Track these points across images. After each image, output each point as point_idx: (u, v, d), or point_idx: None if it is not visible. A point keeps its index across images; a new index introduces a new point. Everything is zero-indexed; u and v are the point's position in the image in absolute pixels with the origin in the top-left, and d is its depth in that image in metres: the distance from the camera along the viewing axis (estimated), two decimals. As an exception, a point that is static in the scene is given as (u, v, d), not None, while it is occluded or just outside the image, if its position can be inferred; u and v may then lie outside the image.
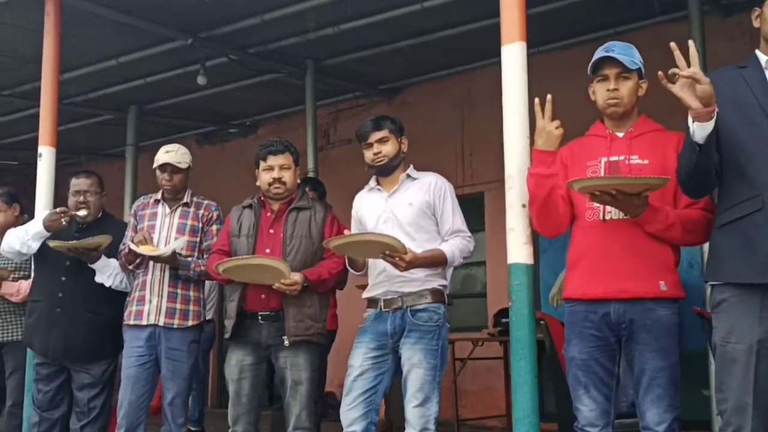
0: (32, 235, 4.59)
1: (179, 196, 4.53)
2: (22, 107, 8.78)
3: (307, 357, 3.91)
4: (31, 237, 4.59)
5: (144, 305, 4.35)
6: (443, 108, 8.60)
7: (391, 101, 8.99)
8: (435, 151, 7.72)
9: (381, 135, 3.85)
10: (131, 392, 4.29)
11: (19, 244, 4.60)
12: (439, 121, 8.55)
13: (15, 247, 4.62)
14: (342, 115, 9.71)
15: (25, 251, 4.63)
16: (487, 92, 8.41)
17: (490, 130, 8.36)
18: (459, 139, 8.45)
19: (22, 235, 4.61)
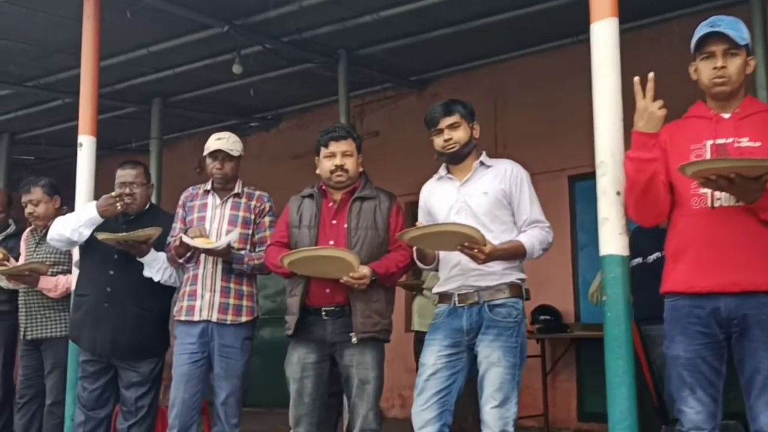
0: (84, 222, 4.35)
1: (230, 186, 4.29)
2: (45, 99, 8.53)
3: (374, 355, 3.67)
4: (83, 223, 4.34)
5: (196, 300, 4.11)
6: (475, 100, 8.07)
7: (420, 93, 8.75)
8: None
9: (452, 120, 3.61)
10: (184, 391, 4.05)
11: (70, 231, 4.35)
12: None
13: (65, 234, 4.37)
14: (369, 107, 9.46)
15: (75, 239, 4.37)
16: (521, 83, 8.21)
17: (524, 121, 8.18)
18: (492, 132, 8.16)
19: (74, 221, 4.37)
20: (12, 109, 8.96)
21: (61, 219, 4.47)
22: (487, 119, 8.42)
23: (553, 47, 7.55)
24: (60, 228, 4.39)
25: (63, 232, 4.36)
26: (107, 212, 4.31)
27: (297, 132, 9.93)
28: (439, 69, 8.24)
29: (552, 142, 7.59)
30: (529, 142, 7.68)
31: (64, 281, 4.82)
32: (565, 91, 7.50)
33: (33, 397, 4.95)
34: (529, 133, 7.79)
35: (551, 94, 7.63)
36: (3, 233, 5.52)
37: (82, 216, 4.38)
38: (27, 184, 5.06)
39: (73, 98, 8.33)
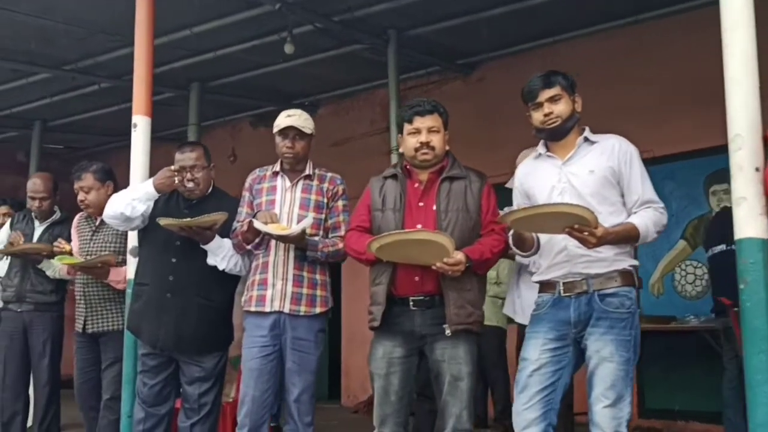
0: (139, 196, 4.07)
1: (300, 167, 3.97)
2: (81, 84, 8.23)
3: (468, 348, 3.35)
4: (138, 197, 4.06)
5: (266, 290, 3.80)
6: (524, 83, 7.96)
7: (466, 78, 8.42)
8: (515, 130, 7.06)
9: (552, 93, 3.28)
10: (255, 387, 3.75)
11: (124, 205, 4.06)
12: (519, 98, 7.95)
13: (119, 209, 4.07)
14: (411, 93, 9.07)
15: (129, 213, 4.06)
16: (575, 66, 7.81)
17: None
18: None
19: (128, 195, 4.08)
20: (46, 95, 8.67)
21: (116, 195, 4.18)
22: (539, 102, 8.11)
23: (609, 28, 7.20)
24: (114, 205, 4.10)
25: (116, 208, 4.08)
26: (163, 186, 4.04)
27: (335, 119, 9.62)
28: (488, 51, 7.89)
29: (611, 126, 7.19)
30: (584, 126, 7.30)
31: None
32: (622, 73, 7.16)
33: (90, 391, 4.66)
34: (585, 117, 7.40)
35: (608, 77, 7.26)
36: (48, 220, 5.24)
37: (137, 190, 4.10)
38: (78, 170, 4.77)
39: (110, 82, 8.12)
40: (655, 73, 6.92)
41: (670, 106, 6.85)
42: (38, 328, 5.06)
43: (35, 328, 5.06)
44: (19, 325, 5.08)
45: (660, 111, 6.87)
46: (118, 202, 4.08)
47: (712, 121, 6.63)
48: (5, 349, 5.10)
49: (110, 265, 4.51)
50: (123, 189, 4.28)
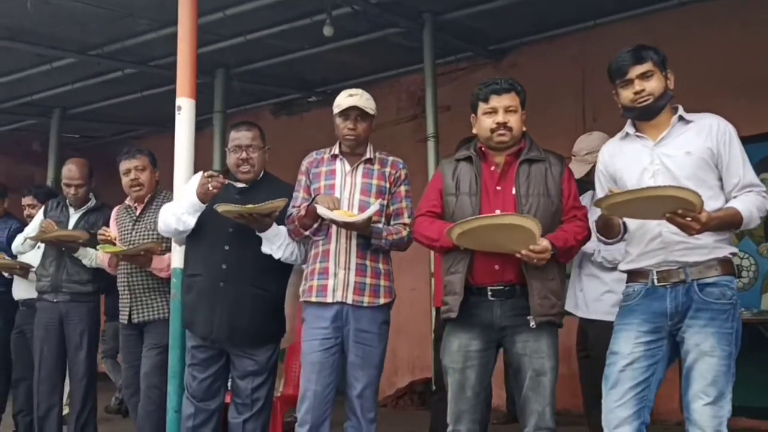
0: (186, 209, 3.85)
1: (360, 150, 3.75)
2: (105, 70, 7.97)
3: (551, 341, 3.14)
4: (185, 210, 3.85)
5: (328, 279, 3.58)
6: (560, 69, 7.74)
7: (497, 64, 8.15)
8: (550, 117, 6.92)
9: (644, 69, 3.06)
10: (317, 382, 3.53)
11: (175, 221, 3.88)
12: (554, 84, 7.69)
13: (171, 225, 3.91)
14: (440, 80, 8.81)
15: (182, 228, 3.90)
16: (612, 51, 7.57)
17: (616, 91, 7.56)
18: (579, 104, 7.57)
19: (177, 210, 3.88)
20: (68, 82, 8.40)
21: (168, 208, 3.98)
22: (574, 90, 7.83)
23: (648, 12, 6.95)
24: (166, 219, 3.93)
25: (169, 224, 3.91)
26: (204, 194, 3.79)
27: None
28: (522, 36, 7.63)
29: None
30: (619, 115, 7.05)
31: None
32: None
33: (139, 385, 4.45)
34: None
35: (646, 62, 7.01)
36: (83, 207, 5.01)
37: (183, 202, 3.88)
38: (131, 151, 4.55)
39: (135, 68, 7.86)
40: (700, 59, 6.67)
41: (714, 93, 6.61)
42: (75, 319, 4.85)
43: (72, 319, 4.85)
44: (55, 315, 4.86)
45: (704, 98, 6.60)
46: (169, 219, 3.90)
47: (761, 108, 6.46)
48: (41, 340, 4.89)
49: (154, 252, 4.30)
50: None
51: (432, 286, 6.43)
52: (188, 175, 4.25)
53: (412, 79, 9.02)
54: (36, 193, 5.74)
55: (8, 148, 11.36)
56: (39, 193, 5.71)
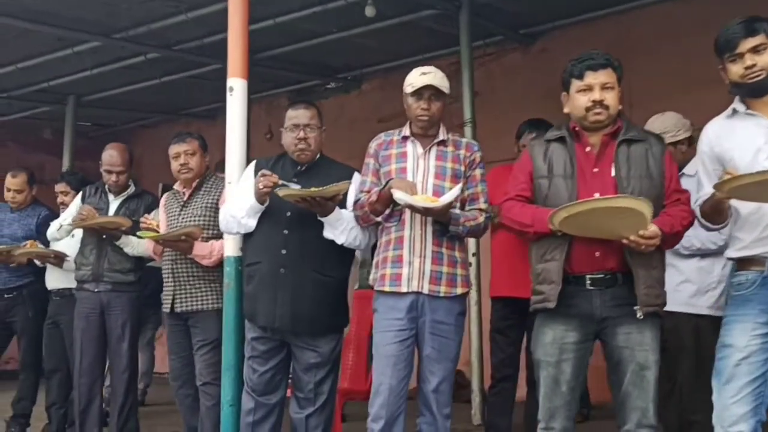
0: (246, 212, 3.62)
1: (433, 131, 3.52)
2: (128, 54, 7.69)
3: (654, 334, 2.91)
4: (245, 214, 3.63)
5: (402, 267, 3.35)
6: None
7: (527, 49, 7.92)
8: (584, 102, 6.71)
9: (756, 42, 2.83)
10: (392, 375, 3.30)
11: (237, 226, 3.67)
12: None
13: (233, 229, 3.71)
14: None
15: (244, 231, 3.69)
16: (650, 36, 7.35)
17: (654, 78, 7.31)
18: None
19: (236, 212, 3.65)
20: (86, 67, 8.12)
21: (227, 210, 3.74)
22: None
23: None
24: (227, 224, 3.73)
25: (231, 227, 3.71)
26: (260, 195, 3.56)
27: (381, 94, 9.12)
28: (554, 20, 7.40)
29: (687, 100, 6.73)
30: (660, 100, 6.79)
31: (219, 247, 4.08)
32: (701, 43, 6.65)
33: (187, 376, 4.22)
34: (660, 90, 6.92)
35: (686, 47, 6.79)
36: (123, 194, 4.77)
37: (243, 206, 3.64)
38: (181, 135, 4.32)
39: (159, 52, 7.60)
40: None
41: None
42: (116, 309, 4.61)
43: (113, 309, 4.61)
44: (96, 306, 4.63)
45: None
46: (230, 223, 3.70)
47: None
48: (81, 331, 4.65)
49: (194, 237, 4.07)
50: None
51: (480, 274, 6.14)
52: (241, 159, 4.02)
53: (438, 65, 8.73)
54: (69, 179, 5.49)
55: (20, 136, 11.07)
56: (72, 180, 5.47)
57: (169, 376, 4.35)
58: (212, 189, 4.27)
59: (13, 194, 5.55)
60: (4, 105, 9.46)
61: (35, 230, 5.46)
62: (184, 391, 4.29)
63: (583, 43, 7.52)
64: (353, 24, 7.05)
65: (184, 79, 8.68)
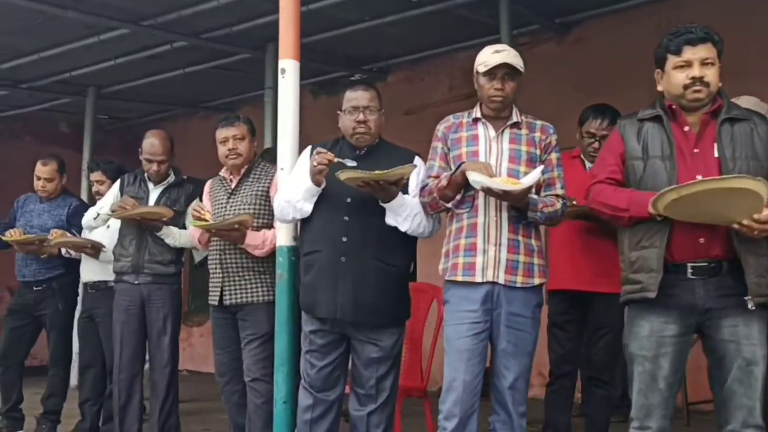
0: (303, 195, 3.42)
1: (505, 113, 3.31)
2: (155, 43, 7.48)
3: (763, 326, 2.71)
4: (301, 197, 3.42)
5: (476, 256, 3.14)
6: (632, 45, 7.26)
7: (562, 38, 7.71)
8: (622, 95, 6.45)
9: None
10: (466, 371, 3.10)
11: (292, 210, 3.47)
12: (626, 62, 7.23)
13: (289, 215, 3.51)
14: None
15: (299, 216, 3.49)
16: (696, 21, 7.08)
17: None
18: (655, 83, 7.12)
19: (292, 196, 3.45)
20: (110, 57, 7.91)
21: (282, 196, 3.54)
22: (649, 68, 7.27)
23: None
24: (282, 210, 3.53)
25: (286, 213, 3.51)
26: (317, 176, 3.35)
27: (407, 85, 8.94)
28: (591, 8, 7.19)
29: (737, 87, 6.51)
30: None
31: (271, 236, 3.88)
32: (749, 29, 6.47)
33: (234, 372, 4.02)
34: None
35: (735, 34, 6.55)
36: (163, 183, 4.56)
37: (299, 189, 3.44)
38: (229, 119, 4.10)
39: (187, 41, 7.38)
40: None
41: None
42: (157, 302, 4.41)
43: (154, 302, 4.41)
44: (136, 298, 4.42)
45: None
46: (285, 209, 3.50)
47: None
48: (121, 324, 4.44)
49: (246, 226, 3.86)
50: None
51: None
52: (294, 144, 3.82)
53: (467, 56, 8.55)
54: (105, 168, 5.28)
55: (36, 129, 10.86)
56: (108, 169, 5.25)
57: (215, 371, 4.15)
58: (262, 176, 4.07)
59: (43, 183, 5.35)
60: (24, 96, 9.24)
61: (66, 221, 5.27)
62: (230, 388, 4.09)
63: (621, 33, 7.36)
64: (386, 12, 6.84)
65: (207, 69, 8.47)
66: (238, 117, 4.16)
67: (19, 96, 9.18)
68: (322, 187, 3.36)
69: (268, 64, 7.74)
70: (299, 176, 3.48)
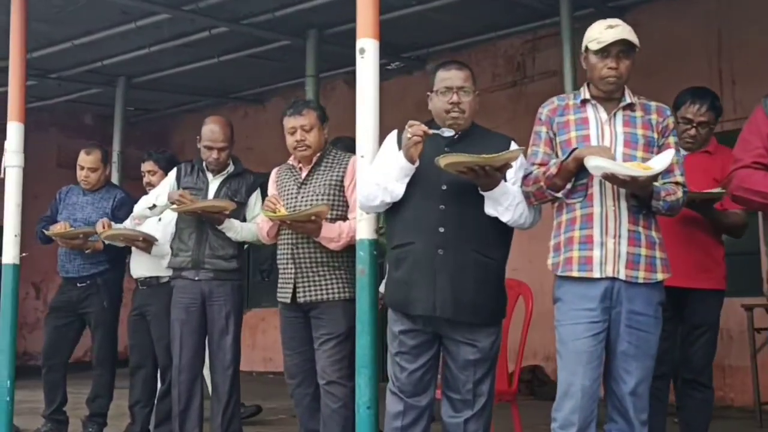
0: (395, 175, 3.10)
1: (618, 94, 3.02)
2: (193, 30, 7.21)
3: None
4: (393, 178, 3.11)
5: (593, 249, 2.85)
6: (690, 28, 7.02)
7: (613, 24, 7.39)
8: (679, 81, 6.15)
9: None
10: (584, 375, 2.81)
11: (381, 192, 3.13)
12: (683, 45, 6.98)
13: (377, 198, 3.15)
14: (541, 43, 8.15)
15: (389, 200, 3.15)
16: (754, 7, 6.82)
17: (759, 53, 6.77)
18: (715, 67, 6.83)
19: (380, 178, 3.13)
20: (144, 45, 7.66)
21: (368, 179, 3.21)
22: (708, 51, 7.04)
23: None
24: (368, 192, 3.18)
25: (374, 196, 3.15)
26: (412, 151, 3.04)
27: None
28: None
29: None
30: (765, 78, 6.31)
31: (347, 228, 3.60)
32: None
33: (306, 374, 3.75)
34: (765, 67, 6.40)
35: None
36: (223, 173, 4.29)
37: (387, 171, 3.13)
38: (297, 107, 3.81)
39: (227, 26, 7.12)
40: None
41: None
42: (219, 299, 4.14)
43: (216, 300, 4.14)
44: (197, 295, 4.15)
45: None
46: (373, 191, 3.15)
47: None
48: (180, 323, 4.17)
49: (322, 217, 3.59)
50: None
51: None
52: (374, 129, 3.53)
53: (510, 43, 8.29)
54: (157, 158, 4.98)
55: (61, 121, 10.62)
56: (160, 159, 4.96)
57: (285, 373, 3.88)
58: (335, 164, 3.79)
59: (87, 173, 5.07)
60: (53, 87, 8.99)
61: (111, 214, 5.00)
62: (302, 391, 3.81)
63: (678, 16, 7.06)
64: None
65: (241, 58, 8.21)
66: (308, 103, 3.88)
67: (48, 87, 8.93)
68: (416, 165, 3.07)
69: (310, 51, 7.50)
70: (385, 161, 3.20)
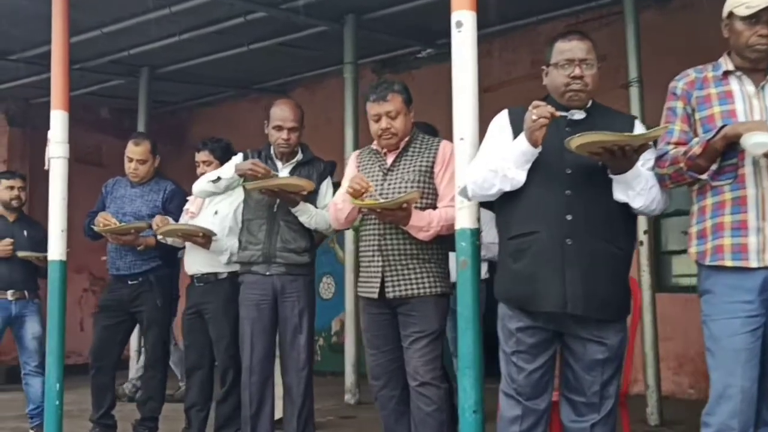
0: (515, 159, 2.79)
1: (764, 65, 2.72)
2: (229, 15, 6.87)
3: None
4: (512, 164, 2.79)
5: (748, 236, 2.57)
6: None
7: (664, 6, 7.13)
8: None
9: None
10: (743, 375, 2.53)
11: (499, 180, 2.82)
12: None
13: (494, 186, 2.84)
14: (588, 26, 7.73)
15: (508, 188, 2.84)
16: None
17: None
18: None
19: (498, 164, 2.82)
20: (174, 33, 7.31)
21: (477, 168, 2.88)
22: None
23: None
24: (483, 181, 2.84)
25: (489, 185, 2.83)
26: (538, 133, 2.74)
27: (486, 61, 8.23)
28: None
29: None
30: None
31: (437, 217, 3.31)
32: None
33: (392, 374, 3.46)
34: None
35: None
36: (293, 160, 4.00)
37: (508, 155, 2.81)
38: (381, 91, 3.49)
39: (265, 11, 6.79)
40: None
41: None
42: (292, 296, 3.86)
43: (288, 296, 3.86)
44: (269, 292, 3.86)
45: None
46: (489, 179, 2.83)
47: None
48: (251, 321, 3.88)
49: (413, 203, 3.30)
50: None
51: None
52: (474, 109, 3.24)
53: (551, 26, 7.96)
54: (213, 147, 4.67)
55: (78, 114, 10.14)
56: (216, 148, 4.65)
57: (369, 374, 3.59)
58: (423, 149, 3.50)
59: (136, 165, 4.78)
60: (76, 77, 8.59)
61: (161, 207, 4.70)
62: (387, 393, 3.52)
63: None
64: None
65: (272, 46, 7.87)
66: (392, 86, 3.54)
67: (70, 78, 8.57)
68: (539, 150, 2.77)
69: (348, 36, 7.17)
70: (499, 146, 2.90)
